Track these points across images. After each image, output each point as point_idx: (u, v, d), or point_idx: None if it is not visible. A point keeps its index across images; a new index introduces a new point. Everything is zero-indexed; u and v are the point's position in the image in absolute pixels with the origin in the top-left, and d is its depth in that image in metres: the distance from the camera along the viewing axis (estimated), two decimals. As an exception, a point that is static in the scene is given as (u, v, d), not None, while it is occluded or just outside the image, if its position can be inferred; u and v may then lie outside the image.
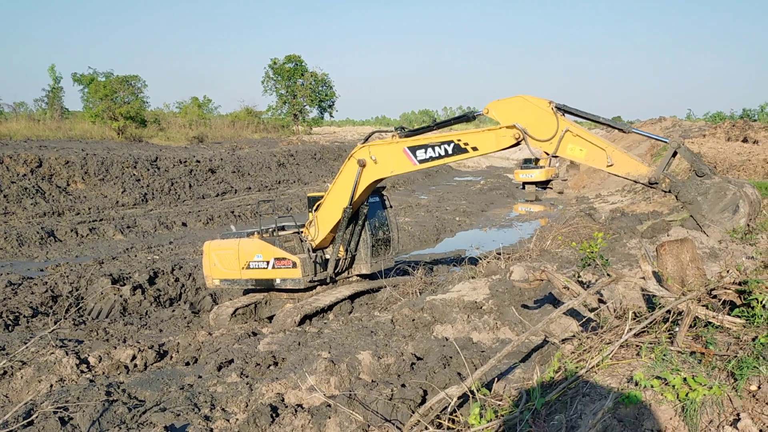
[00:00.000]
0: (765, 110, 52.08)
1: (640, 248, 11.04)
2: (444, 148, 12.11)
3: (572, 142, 10.90)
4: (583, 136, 10.86)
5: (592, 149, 10.80)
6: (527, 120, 11.18)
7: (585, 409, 5.34)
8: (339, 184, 13.51)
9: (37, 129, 41.90)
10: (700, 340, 5.64)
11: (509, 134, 11.34)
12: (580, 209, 29.42)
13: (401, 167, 12.75)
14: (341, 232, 13.94)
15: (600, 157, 10.74)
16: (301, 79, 76.64)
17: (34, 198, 26.18)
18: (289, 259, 13.77)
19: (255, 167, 41.77)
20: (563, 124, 10.91)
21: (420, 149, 12.33)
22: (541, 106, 11.08)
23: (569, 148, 10.95)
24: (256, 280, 14.16)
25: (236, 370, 8.80)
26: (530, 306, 10.35)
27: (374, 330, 10.31)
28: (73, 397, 7.89)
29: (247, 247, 14.15)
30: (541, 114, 11.05)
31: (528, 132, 11.12)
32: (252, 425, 6.50)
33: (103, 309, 14.99)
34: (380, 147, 12.87)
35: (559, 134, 10.84)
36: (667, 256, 6.83)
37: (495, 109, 11.57)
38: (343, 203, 13.39)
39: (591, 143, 10.81)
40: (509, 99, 11.49)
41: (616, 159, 10.62)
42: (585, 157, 10.90)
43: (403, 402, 6.69)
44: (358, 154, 12.99)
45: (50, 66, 59.76)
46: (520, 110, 11.28)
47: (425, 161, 12.38)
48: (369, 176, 13.06)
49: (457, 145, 12.02)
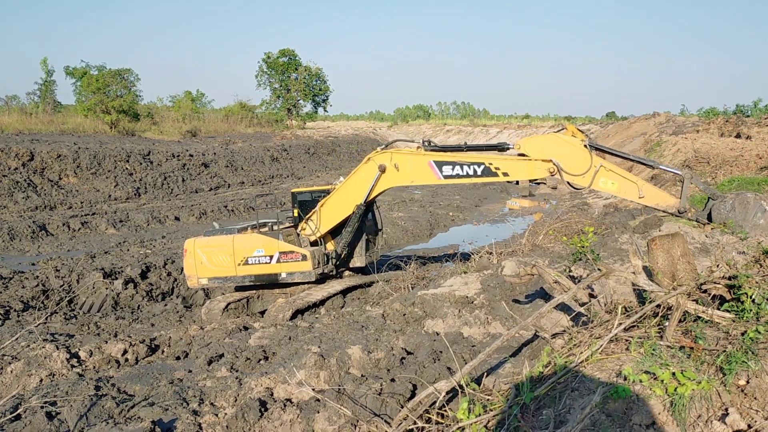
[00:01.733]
0: (758, 106, 52.22)
1: (631, 243, 11.07)
2: (473, 169, 12.58)
3: (605, 176, 11.67)
4: (615, 171, 11.67)
5: (624, 183, 11.63)
6: (560, 156, 11.86)
7: (574, 403, 5.33)
8: (352, 183, 13.70)
9: (29, 122, 41.65)
10: (689, 334, 5.62)
11: (544, 167, 12.00)
12: (574, 204, 29.44)
13: (423, 179, 13.12)
14: (350, 227, 14.04)
15: (631, 189, 11.59)
16: (295, 73, 76.48)
17: (25, 192, 26.04)
18: (297, 253, 13.69)
19: (248, 162, 41.65)
20: (597, 160, 11.64)
21: (447, 165, 12.69)
22: (574, 144, 11.84)
23: (602, 182, 11.69)
24: (255, 276, 13.91)
25: (226, 364, 8.76)
26: (521, 301, 10.35)
27: (365, 325, 10.29)
28: (62, 391, 7.84)
29: (245, 242, 13.91)
30: (575, 150, 11.80)
31: (562, 167, 11.75)
32: (240, 420, 6.46)
33: (95, 303, 14.91)
34: (405, 156, 13.10)
35: (593, 169, 11.57)
36: (658, 251, 6.82)
37: (527, 146, 12.22)
38: (356, 201, 13.62)
39: (623, 177, 11.65)
40: (543, 136, 12.38)
41: (646, 192, 11.53)
42: (618, 189, 11.75)
43: (392, 397, 6.67)
44: (378, 159, 13.18)
45: (42, 59, 59.36)
46: (554, 147, 11.99)
47: (451, 177, 12.78)
48: (388, 182, 13.38)
49: (488, 168, 12.50)
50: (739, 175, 22.88)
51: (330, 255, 14.33)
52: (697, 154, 28.57)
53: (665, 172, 16.86)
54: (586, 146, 11.75)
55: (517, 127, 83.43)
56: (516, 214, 30.81)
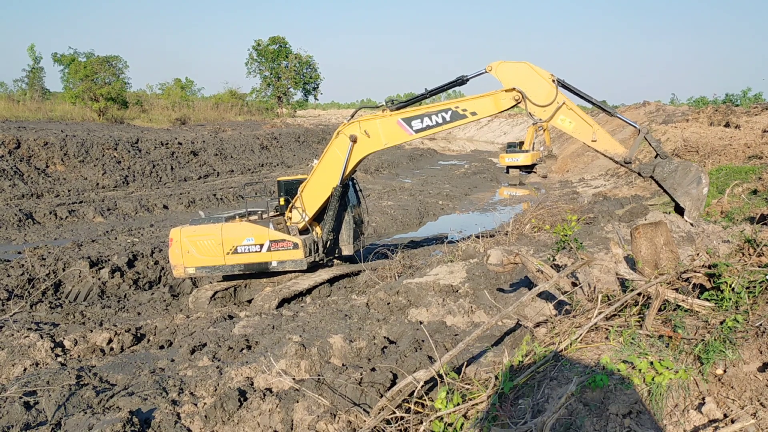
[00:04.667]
0: (747, 95, 52.36)
1: (614, 232, 11.10)
2: (441, 116, 12.68)
3: (565, 114, 11.82)
4: (576, 111, 11.83)
5: (581, 124, 11.79)
6: (527, 86, 11.94)
7: (552, 392, 5.31)
8: (326, 162, 13.65)
9: (16, 110, 41.30)
10: (669, 323, 5.62)
11: (509, 96, 12.09)
12: (564, 193, 29.47)
13: (396, 138, 13.16)
14: (331, 211, 13.99)
15: (586, 131, 11.75)
16: (286, 61, 76.16)
17: (12, 180, 25.80)
18: (289, 241, 13.61)
19: (238, 150, 41.44)
20: (561, 96, 11.77)
21: (415, 120, 12.79)
22: (544, 76, 11.88)
23: (560, 120, 11.85)
24: (245, 265, 13.79)
25: (208, 353, 8.71)
26: (506, 290, 10.34)
27: (348, 314, 10.25)
28: (43, 381, 7.77)
29: (234, 231, 13.77)
30: (543, 83, 11.87)
31: (527, 96, 11.84)
32: (219, 409, 6.42)
33: (81, 292, 14.80)
34: (372, 121, 13.15)
35: (556, 104, 11.72)
36: (641, 240, 6.81)
37: (499, 69, 12.18)
38: (333, 182, 13.61)
39: (581, 119, 11.80)
40: (515, 62, 12.19)
41: (600, 137, 11.66)
42: (573, 129, 11.84)
43: (372, 386, 6.64)
44: (348, 130, 13.21)
45: (30, 45, 58.84)
46: (523, 75, 12.04)
47: (422, 130, 12.86)
48: (361, 150, 13.37)
49: (455, 112, 12.61)
50: (728, 164, 22.94)
51: (318, 242, 14.27)
52: (686, 143, 28.63)
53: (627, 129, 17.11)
54: (554, 81, 11.83)
55: (508, 116, 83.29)
56: (506, 202, 30.82)
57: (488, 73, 12.22)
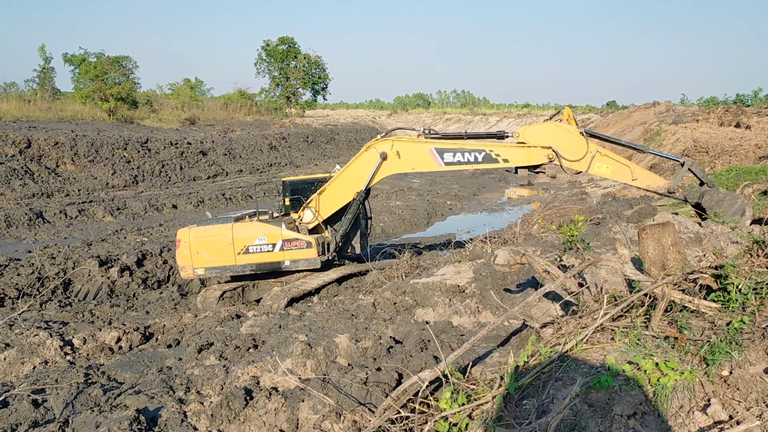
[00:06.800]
0: (758, 95, 51.92)
1: (621, 233, 11.08)
2: (474, 155, 13.08)
3: (600, 161, 12.42)
4: (610, 156, 12.44)
5: (618, 167, 12.41)
6: (558, 143, 12.52)
7: (557, 393, 5.31)
8: (353, 171, 13.93)
9: (27, 109, 41.56)
10: (675, 324, 5.60)
11: (543, 153, 12.68)
12: (572, 193, 29.39)
13: (424, 166, 13.50)
14: (351, 215, 14.22)
15: (625, 173, 12.39)
16: (294, 61, 76.28)
17: (22, 179, 25.99)
18: (302, 240, 13.68)
19: (247, 150, 41.56)
20: (593, 146, 12.36)
21: (448, 152, 13.15)
22: (571, 131, 12.53)
23: (597, 166, 12.43)
24: (257, 265, 13.77)
25: (215, 352, 8.75)
26: (513, 290, 10.33)
27: (355, 313, 10.27)
28: (52, 379, 7.84)
29: (245, 231, 13.74)
30: (572, 137, 12.47)
31: (560, 153, 12.41)
32: (225, 408, 6.45)
33: (90, 291, 14.90)
34: (406, 144, 13.46)
35: (590, 154, 12.32)
36: (649, 240, 6.78)
37: (526, 134, 12.81)
38: (357, 188, 13.91)
39: (617, 161, 12.41)
40: (540, 125, 12.91)
41: (639, 174, 12.33)
42: (612, 173, 12.45)
43: (377, 386, 6.65)
44: (379, 147, 13.47)
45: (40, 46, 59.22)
46: (552, 134, 12.65)
47: (452, 164, 13.25)
48: (389, 169, 13.65)
49: (488, 155, 13.01)
50: (738, 165, 22.81)
51: (329, 242, 14.37)
52: (696, 144, 28.49)
53: (665, 161, 17.89)
54: (582, 133, 12.33)
55: (517, 116, 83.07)
56: (514, 203, 30.75)
57: (516, 139, 12.87)
